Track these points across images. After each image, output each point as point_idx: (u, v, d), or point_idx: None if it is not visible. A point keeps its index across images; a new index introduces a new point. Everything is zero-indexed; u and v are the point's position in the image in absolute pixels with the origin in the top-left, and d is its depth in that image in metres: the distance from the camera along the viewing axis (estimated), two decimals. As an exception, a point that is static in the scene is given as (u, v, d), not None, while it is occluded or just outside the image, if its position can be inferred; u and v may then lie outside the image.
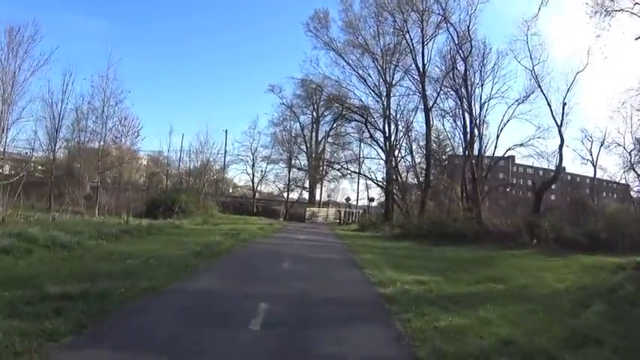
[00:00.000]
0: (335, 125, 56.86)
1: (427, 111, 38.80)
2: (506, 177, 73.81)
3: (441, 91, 39.07)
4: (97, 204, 31.66)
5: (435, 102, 39.05)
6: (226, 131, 55.87)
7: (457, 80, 36.91)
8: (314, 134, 59.96)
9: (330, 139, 56.94)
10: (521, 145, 39.23)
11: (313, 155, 55.44)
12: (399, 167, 39.56)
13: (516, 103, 36.29)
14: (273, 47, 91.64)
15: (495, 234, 30.59)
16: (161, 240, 19.45)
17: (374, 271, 14.09)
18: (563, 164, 44.52)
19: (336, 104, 39.29)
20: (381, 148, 40.33)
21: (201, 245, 17.33)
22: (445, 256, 20.89)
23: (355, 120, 40.14)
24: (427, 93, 39.76)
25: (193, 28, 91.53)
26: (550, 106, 32.57)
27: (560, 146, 33.61)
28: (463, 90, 36.34)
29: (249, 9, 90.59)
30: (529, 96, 35.35)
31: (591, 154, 59.20)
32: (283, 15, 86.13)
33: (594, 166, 60.78)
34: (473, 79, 37.93)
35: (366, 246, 23.00)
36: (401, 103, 41.33)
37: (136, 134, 42.01)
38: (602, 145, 54.51)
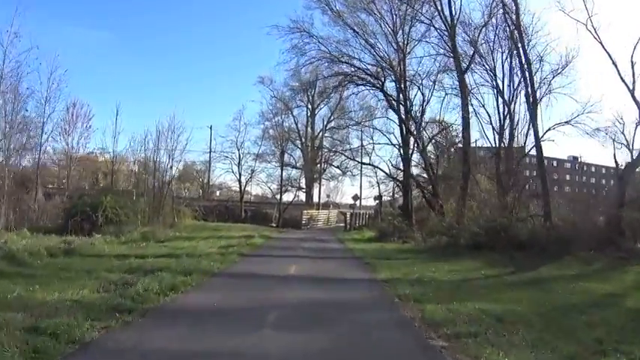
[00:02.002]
0: (333, 118, 44.98)
1: (461, 75, 25.46)
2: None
3: (477, 48, 25.69)
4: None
5: (471, 61, 25.62)
6: (211, 127, 43.92)
7: (509, 27, 23.76)
8: (309, 129, 47.34)
9: (327, 133, 44.94)
10: (567, 122, 26.21)
11: (309, 145, 42.34)
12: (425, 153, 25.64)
13: (552, 73, 24.62)
14: (254, 40, 76.45)
15: (582, 238, 17.98)
16: None
17: None
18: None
19: (339, 62, 25.33)
20: (404, 123, 26.40)
21: None
22: (609, 306, 9.21)
23: (368, 83, 26.19)
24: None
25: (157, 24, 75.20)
26: (616, 66, 20.24)
27: (641, 114, 21.29)
28: (517, 37, 23.04)
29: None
30: (567, 65, 24.01)
31: (625, 136, 44.37)
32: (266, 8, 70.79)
33: (630, 151, 45.87)
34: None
35: (440, 290, 9.57)
36: (420, 71, 27.74)
37: (86, 125, 29.02)
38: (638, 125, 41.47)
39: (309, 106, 48.73)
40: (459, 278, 11.63)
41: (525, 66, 23.49)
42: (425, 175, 29.83)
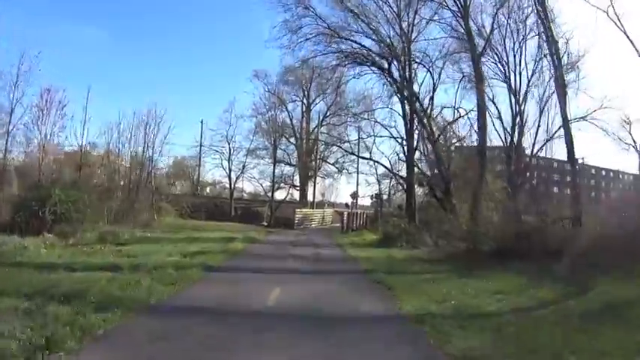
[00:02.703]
0: (330, 113, 41.13)
1: (476, 60, 21.71)
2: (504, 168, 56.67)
3: (493, 29, 22.11)
4: None
5: (486, 44, 21.95)
6: (202, 121, 40.01)
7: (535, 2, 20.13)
8: (304, 124, 43.75)
9: (323, 129, 41.15)
10: (583, 118, 22.77)
11: (304, 138, 38.63)
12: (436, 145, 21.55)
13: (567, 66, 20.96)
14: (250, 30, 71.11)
15: (624, 247, 13.50)
16: None
17: None
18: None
19: (339, 39, 21.17)
20: (412, 106, 22.25)
21: None
22: None
23: (372, 64, 22.17)
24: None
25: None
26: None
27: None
28: (542, 13, 19.43)
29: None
30: (582, 57, 20.98)
31: (632, 138, 40.60)
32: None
33: (638, 151, 42.01)
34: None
35: (509, 339, 5.83)
36: (428, 53, 23.82)
37: (60, 113, 24.90)
38: (648, 126, 38.11)
39: (305, 101, 45.31)
40: (513, 307, 7.94)
41: (553, 48, 19.94)
42: (429, 173, 26.26)
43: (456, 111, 21.95)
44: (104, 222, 18.95)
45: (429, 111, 21.37)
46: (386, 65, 21.09)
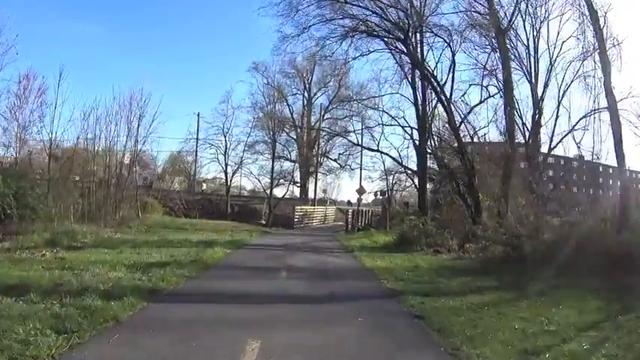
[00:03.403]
0: (332, 108, 38.26)
1: (501, 35, 18.41)
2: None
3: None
4: None
5: (512, 18, 18.75)
6: (198, 114, 36.68)
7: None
8: (305, 118, 41.10)
9: (325, 124, 38.57)
10: (607, 108, 19.12)
11: (305, 128, 35.53)
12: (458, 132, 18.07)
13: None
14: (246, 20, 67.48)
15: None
16: None
17: None
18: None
19: (345, 4, 17.59)
20: (432, 86, 18.69)
21: None
22: None
23: (385, 35, 18.63)
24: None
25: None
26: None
27: None
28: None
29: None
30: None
31: None
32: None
33: None
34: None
35: None
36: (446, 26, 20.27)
37: (38, 100, 21.44)
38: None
39: (306, 94, 42.33)
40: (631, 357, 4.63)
41: (594, 17, 16.57)
42: (436, 167, 23.00)
43: (484, 89, 18.53)
44: (70, 220, 15.69)
45: (447, 93, 17.94)
46: (402, 35, 17.54)
